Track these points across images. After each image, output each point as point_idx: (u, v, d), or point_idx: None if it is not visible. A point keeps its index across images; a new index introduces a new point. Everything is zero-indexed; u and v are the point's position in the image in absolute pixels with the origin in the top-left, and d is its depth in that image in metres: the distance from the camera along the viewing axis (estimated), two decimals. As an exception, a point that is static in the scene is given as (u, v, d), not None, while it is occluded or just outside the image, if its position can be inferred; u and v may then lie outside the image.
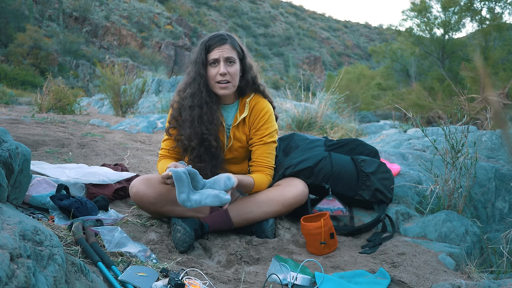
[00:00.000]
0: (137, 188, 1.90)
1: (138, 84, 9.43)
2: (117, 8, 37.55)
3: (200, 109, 1.94)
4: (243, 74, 2.02)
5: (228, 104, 2.07)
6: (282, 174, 2.10)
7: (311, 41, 59.44)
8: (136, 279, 1.33)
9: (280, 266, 1.60)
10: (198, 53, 1.95)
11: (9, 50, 22.84)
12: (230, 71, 1.93)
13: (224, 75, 1.92)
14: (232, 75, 1.94)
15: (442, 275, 1.58)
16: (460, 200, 2.21)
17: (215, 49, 1.92)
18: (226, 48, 1.92)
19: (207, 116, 1.94)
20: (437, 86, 19.12)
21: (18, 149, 1.39)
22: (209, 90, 1.96)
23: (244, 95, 2.07)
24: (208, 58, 1.93)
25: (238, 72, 1.97)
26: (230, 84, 1.95)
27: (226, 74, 1.92)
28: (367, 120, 18.20)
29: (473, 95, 9.27)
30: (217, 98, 2.01)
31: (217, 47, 1.92)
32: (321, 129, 5.71)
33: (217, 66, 1.93)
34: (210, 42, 1.93)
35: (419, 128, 2.65)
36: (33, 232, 1.00)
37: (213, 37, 1.96)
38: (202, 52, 1.93)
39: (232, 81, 1.95)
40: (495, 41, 18.59)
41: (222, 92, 1.96)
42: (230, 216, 1.93)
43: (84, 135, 4.22)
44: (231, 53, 1.93)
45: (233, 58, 1.94)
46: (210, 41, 1.94)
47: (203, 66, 1.94)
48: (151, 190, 1.88)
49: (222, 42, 1.93)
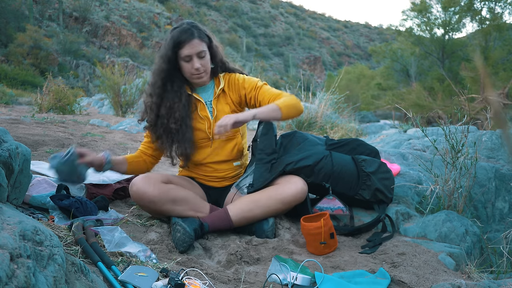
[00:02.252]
0: (137, 186, 1.90)
1: (138, 84, 9.42)
2: (117, 8, 37.55)
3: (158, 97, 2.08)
4: (212, 59, 2.11)
5: (204, 85, 2.16)
6: (282, 170, 2.09)
7: (311, 41, 59.43)
8: (136, 279, 1.33)
9: (280, 266, 1.60)
10: (166, 48, 2.02)
11: (9, 50, 22.84)
12: (203, 63, 2.04)
13: (198, 69, 2.03)
14: (205, 66, 2.06)
15: (442, 275, 1.58)
16: (460, 200, 2.21)
17: (186, 46, 1.99)
18: (196, 43, 2.00)
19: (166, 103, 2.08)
20: (437, 86, 19.12)
21: (18, 149, 1.39)
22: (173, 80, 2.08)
23: (216, 74, 2.18)
24: (180, 55, 2.01)
25: (209, 60, 2.08)
26: (203, 73, 2.06)
27: (200, 68, 2.02)
28: (367, 120, 18.19)
29: (473, 95, 9.27)
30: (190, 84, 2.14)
31: (187, 43, 1.99)
32: (321, 129, 5.71)
33: (190, 62, 2.02)
34: (179, 39, 1.99)
35: (419, 128, 2.65)
36: (33, 232, 1.00)
37: (181, 32, 2.01)
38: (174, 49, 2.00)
39: (206, 70, 2.07)
40: (495, 41, 18.59)
41: (199, 81, 2.09)
42: (229, 215, 1.94)
43: (84, 135, 4.22)
44: (200, 47, 2.01)
45: (203, 51, 2.03)
46: (180, 37, 1.99)
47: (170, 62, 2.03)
48: (151, 189, 1.89)
49: (191, 37, 1.99)
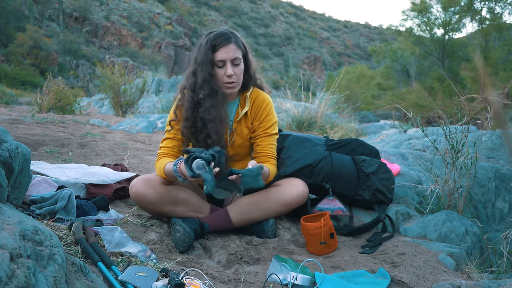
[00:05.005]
0: (137, 188, 1.89)
1: (138, 84, 9.43)
2: (117, 8, 37.54)
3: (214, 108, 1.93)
4: (245, 70, 2.01)
5: (231, 100, 2.06)
6: (283, 171, 2.09)
7: (311, 41, 59.41)
8: (136, 279, 1.33)
9: (280, 266, 1.60)
10: (204, 52, 1.91)
11: (9, 50, 22.81)
12: (236, 72, 1.93)
13: (231, 77, 1.91)
14: (238, 76, 1.94)
15: (442, 275, 1.58)
16: (460, 200, 2.21)
17: (221, 49, 1.89)
18: (232, 48, 1.90)
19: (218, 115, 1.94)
20: (437, 86, 19.10)
21: (18, 149, 1.39)
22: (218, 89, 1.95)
23: (245, 90, 2.07)
24: (214, 59, 1.91)
25: (242, 71, 1.98)
26: (236, 84, 1.95)
27: (233, 75, 1.91)
28: (367, 120, 18.19)
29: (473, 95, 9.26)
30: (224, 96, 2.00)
31: (223, 47, 1.89)
32: (321, 129, 5.71)
33: (223, 68, 1.91)
34: (215, 42, 1.90)
35: (419, 128, 2.65)
36: (33, 232, 1.00)
37: (218, 35, 1.92)
38: (209, 51, 1.90)
39: (238, 80, 1.95)
40: (495, 41, 18.57)
41: (229, 92, 1.97)
42: (230, 216, 1.93)
43: (84, 135, 4.22)
44: (236, 53, 1.91)
45: (238, 58, 1.93)
46: (216, 40, 1.90)
47: (211, 66, 1.91)
48: (151, 190, 1.88)
49: (228, 41, 1.90)
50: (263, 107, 2.05)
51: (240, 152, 2.10)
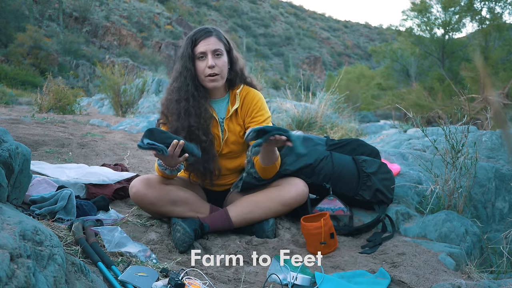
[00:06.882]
0: (136, 188, 1.89)
1: (138, 84, 9.43)
2: (117, 8, 37.54)
3: (187, 102, 1.94)
4: (231, 66, 2.03)
5: (219, 98, 2.07)
6: (284, 170, 2.09)
7: (311, 41, 59.38)
8: (136, 279, 1.33)
9: (280, 266, 1.60)
10: (184, 47, 1.95)
11: (9, 50, 22.81)
12: (218, 63, 1.93)
13: (212, 68, 1.92)
14: (220, 67, 1.94)
15: (442, 275, 1.58)
16: (460, 200, 2.21)
17: (201, 42, 1.92)
18: (213, 40, 1.93)
19: (194, 110, 1.94)
20: (437, 86, 19.09)
21: (18, 149, 1.39)
22: (197, 84, 1.96)
23: (233, 87, 2.08)
24: (195, 52, 1.93)
25: (226, 64, 1.98)
26: (218, 76, 1.94)
27: (214, 67, 1.92)
28: (367, 120, 18.17)
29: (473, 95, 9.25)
30: (206, 93, 2.00)
31: (203, 40, 1.92)
32: (321, 129, 5.71)
33: (205, 60, 1.93)
34: (196, 36, 1.94)
35: (419, 128, 2.65)
36: (33, 232, 1.00)
37: (198, 30, 1.97)
38: (189, 46, 1.94)
39: (221, 73, 1.95)
40: (495, 41, 18.56)
41: (212, 85, 1.96)
42: (230, 216, 1.94)
43: (84, 135, 4.21)
44: (217, 45, 1.94)
45: (220, 50, 1.94)
46: (196, 34, 1.94)
47: (190, 60, 1.94)
48: (151, 191, 1.88)
49: (208, 34, 1.93)
50: (253, 103, 2.05)
51: (235, 149, 2.09)
